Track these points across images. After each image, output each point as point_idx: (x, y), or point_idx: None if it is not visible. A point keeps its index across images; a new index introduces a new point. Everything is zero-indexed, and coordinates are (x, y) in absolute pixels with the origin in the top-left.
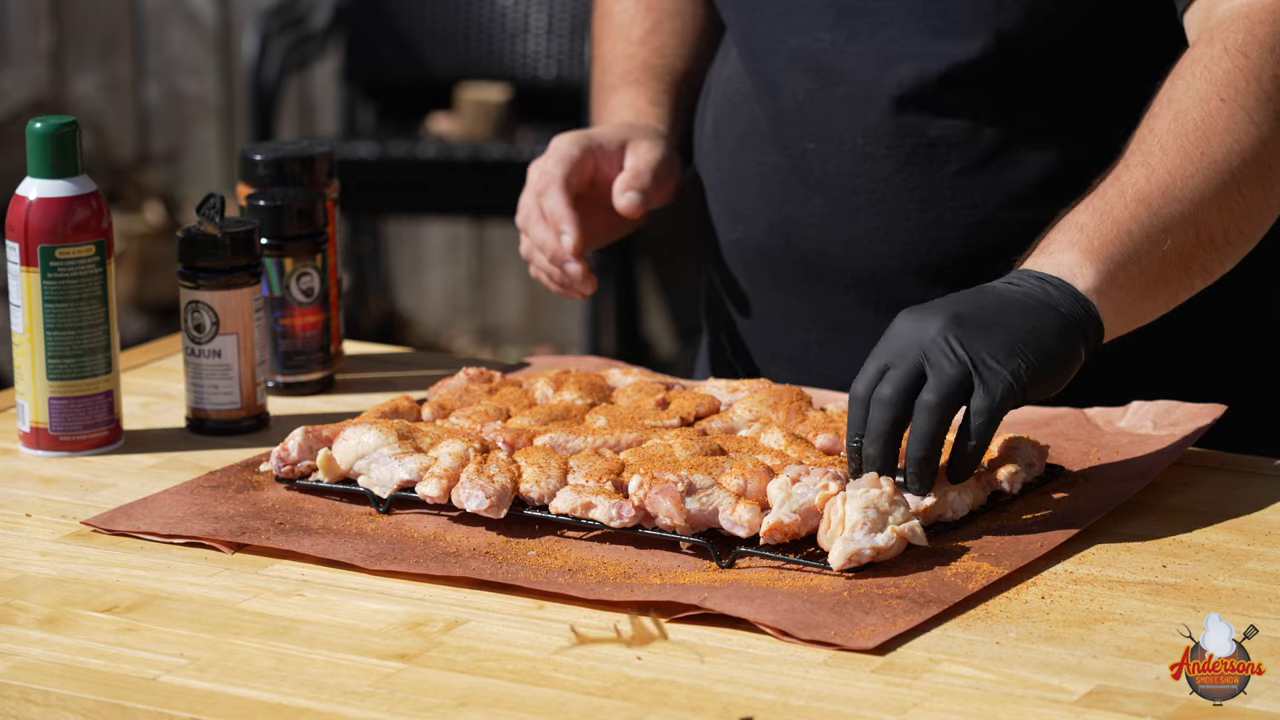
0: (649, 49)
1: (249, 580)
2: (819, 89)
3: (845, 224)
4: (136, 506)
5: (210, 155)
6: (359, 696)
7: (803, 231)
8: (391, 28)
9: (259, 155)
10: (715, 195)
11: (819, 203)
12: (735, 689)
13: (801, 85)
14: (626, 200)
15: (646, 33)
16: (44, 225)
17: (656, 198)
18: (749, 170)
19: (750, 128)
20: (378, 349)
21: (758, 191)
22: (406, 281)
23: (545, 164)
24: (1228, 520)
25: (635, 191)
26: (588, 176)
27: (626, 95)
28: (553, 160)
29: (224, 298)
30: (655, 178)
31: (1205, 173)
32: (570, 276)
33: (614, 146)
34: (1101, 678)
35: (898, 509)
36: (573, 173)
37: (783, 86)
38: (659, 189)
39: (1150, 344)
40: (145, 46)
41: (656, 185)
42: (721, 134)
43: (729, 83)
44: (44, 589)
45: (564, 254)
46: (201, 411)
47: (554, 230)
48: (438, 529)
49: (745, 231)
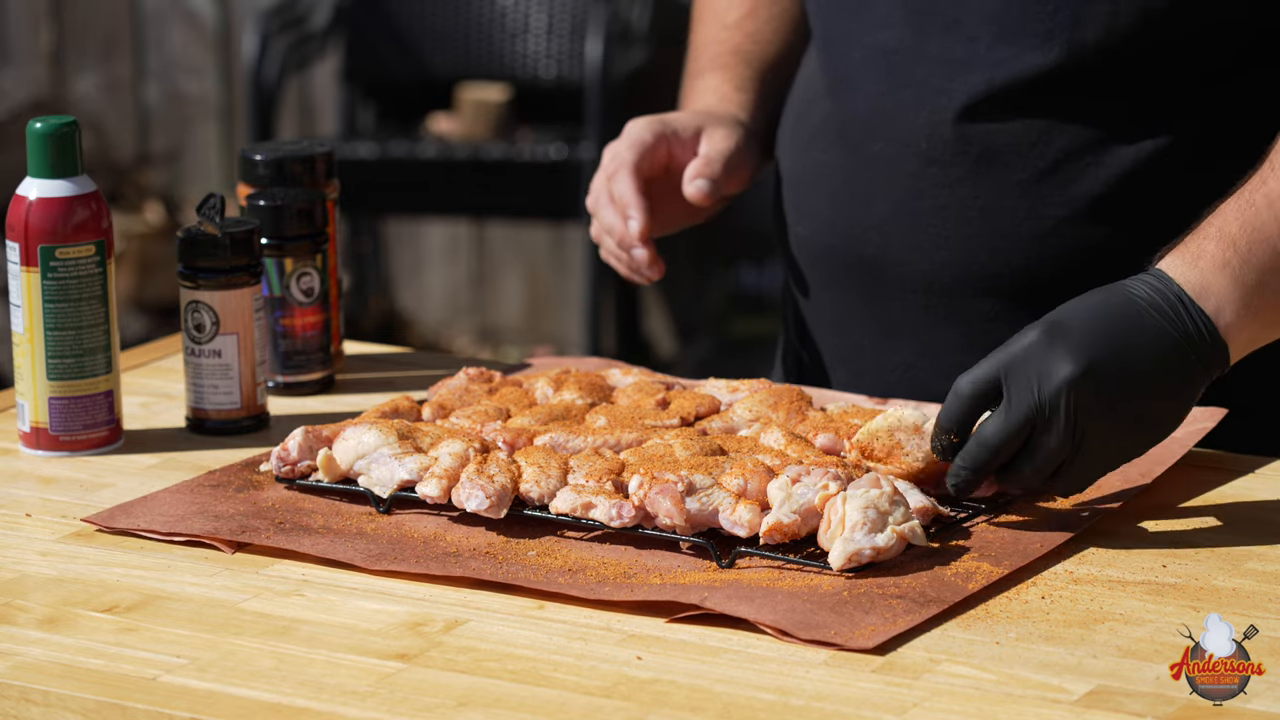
0: (742, 34)
1: (249, 580)
2: (889, 91)
3: (906, 228)
4: (137, 504)
5: (210, 155)
6: (359, 696)
7: (864, 234)
8: (391, 28)
9: (259, 155)
10: (787, 190)
11: (881, 205)
12: (735, 689)
13: (873, 86)
14: (695, 188)
15: (741, 18)
16: (44, 225)
17: (728, 186)
18: (816, 168)
19: (821, 125)
20: (378, 349)
21: (823, 190)
22: (406, 281)
23: (617, 147)
24: (1228, 520)
25: (705, 179)
26: (660, 162)
27: (713, 80)
28: (625, 144)
29: (224, 298)
30: (727, 166)
31: None
32: (637, 261)
33: (689, 133)
34: (1101, 678)
35: (898, 509)
36: (644, 158)
37: (854, 86)
38: (731, 178)
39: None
40: (145, 46)
41: (728, 174)
42: (796, 129)
43: (807, 78)
44: (44, 589)
45: (630, 239)
46: (202, 411)
47: (621, 215)
48: (438, 529)
49: (810, 229)
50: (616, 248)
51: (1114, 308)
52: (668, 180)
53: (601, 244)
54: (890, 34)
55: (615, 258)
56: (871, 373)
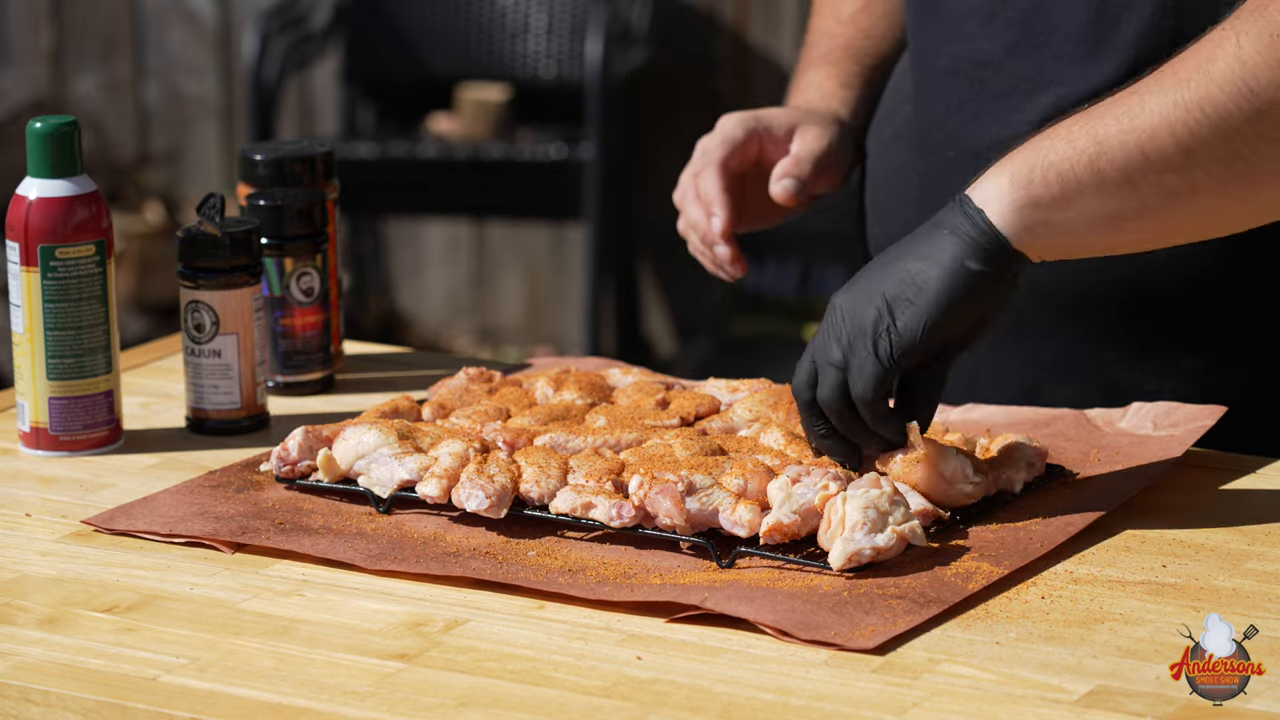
0: (855, 28)
1: (249, 580)
2: (970, 101)
3: None
4: (136, 506)
5: (210, 155)
6: (359, 696)
7: None
8: (391, 28)
9: (259, 155)
10: (869, 188)
11: None
12: (735, 689)
13: (954, 94)
14: (782, 188)
15: (856, 12)
16: (44, 225)
17: (818, 185)
18: (895, 169)
19: (903, 127)
20: (378, 349)
21: (899, 192)
22: (406, 281)
23: (708, 143)
24: (1228, 520)
25: (792, 179)
26: (751, 158)
27: (818, 75)
28: (716, 140)
29: (224, 297)
30: (817, 166)
31: (1165, 88)
32: (719, 258)
33: (782, 130)
34: (1101, 678)
35: (898, 509)
36: (733, 154)
37: (938, 93)
38: (820, 178)
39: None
40: (145, 46)
41: (817, 174)
42: (881, 128)
43: (898, 80)
44: (44, 589)
45: (713, 236)
46: (201, 411)
47: (706, 211)
48: (438, 529)
49: (884, 229)
50: (700, 244)
51: None
52: (759, 176)
53: (687, 239)
54: (980, 46)
55: (700, 253)
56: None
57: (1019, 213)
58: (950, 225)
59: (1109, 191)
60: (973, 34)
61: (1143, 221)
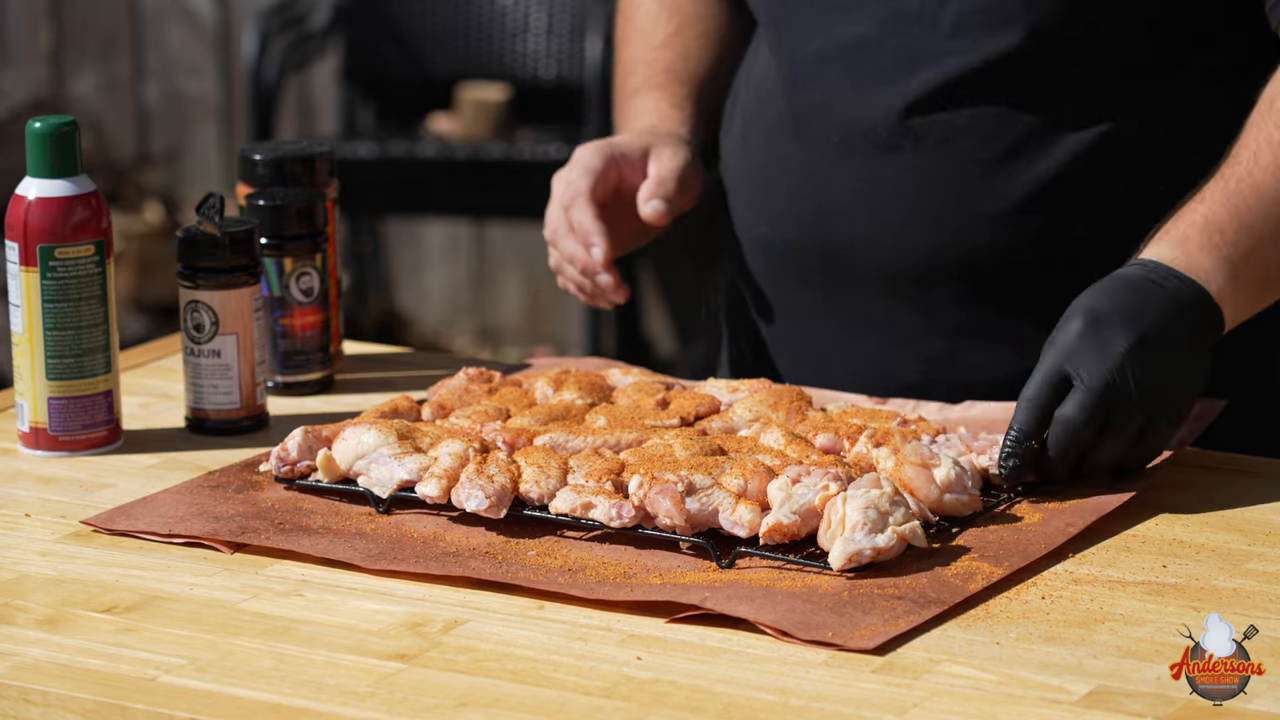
0: (672, 53)
1: (248, 580)
2: (849, 83)
3: (869, 215)
4: (136, 506)
5: (210, 155)
6: (358, 697)
7: (827, 223)
8: (391, 27)
9: (258, 155)
10: (740, 194)
11: (842, 194)
12: (735, 689)
13: (832, 78)
14: (651, 209)
15: (669, 36)
16: (43, 225)
17: (681, 204)
18: (776, 165)
19: (778, 122)
20: (377, 349)
21: (784, 186)
22: (406, 281)
23: (570, 175)
24: (1228, 520)
25: (660, 200)
26: (612, 185)
27: (649, 100)
28: (577, 172)
29: (223, 297)
30: (679, 184)
31: None
32: (602, 287)
33: (637, 154)
34: (1102, 678)
35: (898, 509)
36: (597, 183)
37: (811, 79)
38: (683, 195)
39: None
40: (145, 46)
41: (680, 191)
42: (750, 133)
43: (759, 82)
44: (43, 589)
45: (595, 266)
46: (201, 411)
47: (583, 243)
48: (437, 529)
49: (770, 228)
50: (579, 276)
51: (1128, 286)
52: (619, 203)
53: (561, 272)
54: (853, 28)
55: (577, 285)
56: (840, 366)
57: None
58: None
59: None
60: (841, 18)
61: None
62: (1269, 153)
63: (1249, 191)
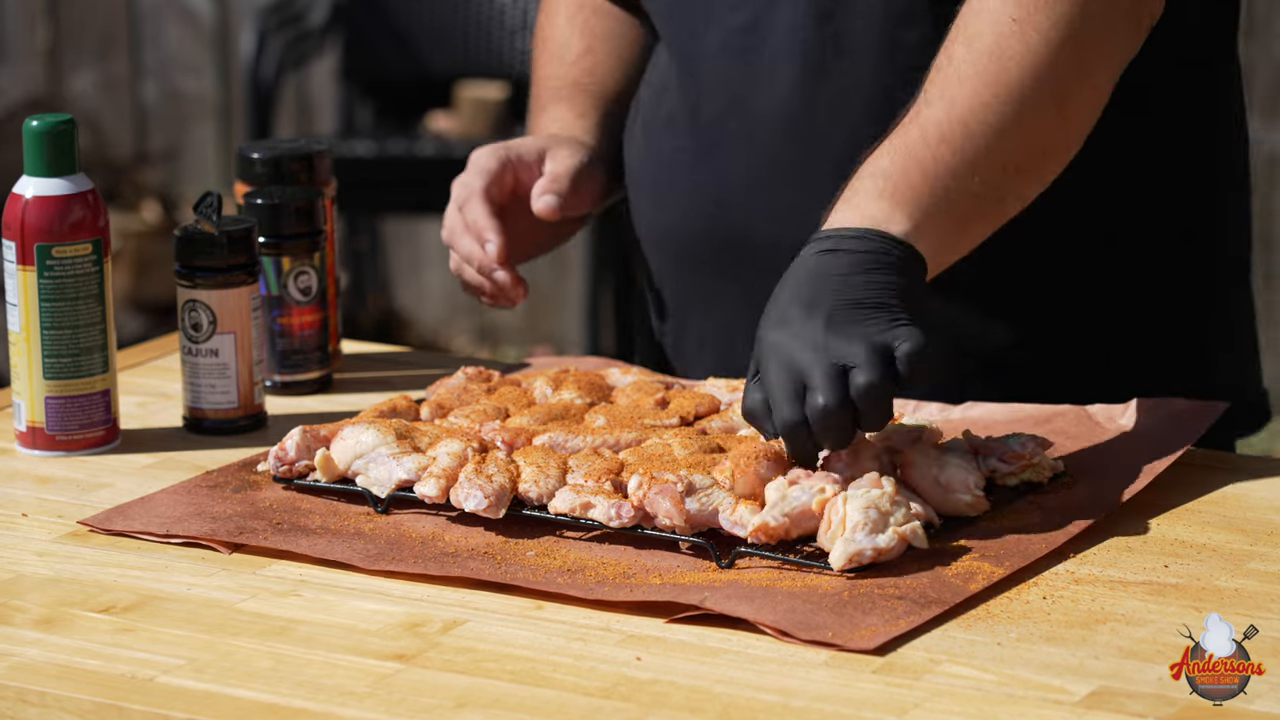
0: (579, 69)
1: (246, 580)
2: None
3: (767, 197)
4: (133, 506)
5: (208, 153)
6: (356, 697)
7: (726, 208)
8: (390, 25)
9: (256, 153)
10: (644, 188)
11: (740, 177)
12: (735, 690)
13: (725, 64)
14: (543, 204)
15: (579, 55)
16: (40, 224)
17: (577, 203)
18: (672, 154)
19: (673, 114)
20: (376, 348)
21: (682, 173)
22: (405, 280)
23: (465, 177)
24: (1230, 520)
25: (552, 195)
26: (508, 187)
27: (555, 111)
28: (472, 173)
29: (221, 297)
30: (574, 182)
31: (1002, 100)
32: (499, 284)
33: (532, 156)
34: (1103, 678)
35: (899, 510)
36: (492, 183)
37: (708, 68)
38: (578, 194)
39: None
40: (142, 44)
41: (575, 190)
42: (647, 130)
43: (654, 82)
44: (40, 589)
45: (490, 263)
46: (199, 411)
47: (478, 240)
48: (436, 529)
49: (673, 214)
50: (478, 275)
51: (799, 280)
52: (517, 206)
53: (462, 274)
54: (743, 13)
55: (476, 286)
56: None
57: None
58: (887, 252)
59: (989, 213)
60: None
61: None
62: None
63: (916, 137)
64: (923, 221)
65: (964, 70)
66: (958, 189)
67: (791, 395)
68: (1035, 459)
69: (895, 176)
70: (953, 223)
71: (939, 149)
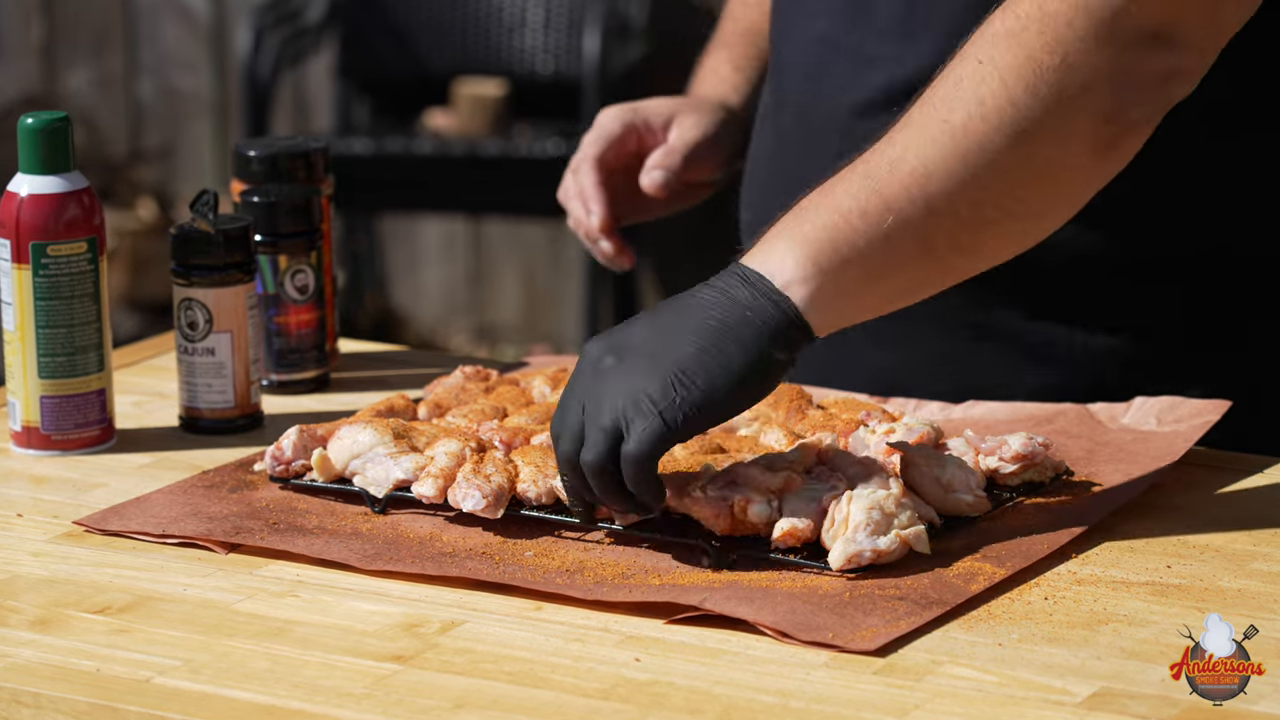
0: (758, 11)
1: (243, 581)
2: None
3: None
4: (129, 506)
5: (204, 151)
6: (354, 699)
7: None
8: (387, 22)
9: (253, 151)
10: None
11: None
12: (735, 691)
13: (800, 74)
14: (650, 179)
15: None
16: (35, 222)
17: (696, 174)
18: (755, 150)
19: (763, 110)
20: (373, 347)
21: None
22: (402, 279)
23: (586, 138)
24: (1233, 520)
25: (661, 170)
26: (630, 151)
27: (715, 59)
28: (592, 135)
29: (218, 295)
30: (690, 156)
31: (940, 140)
32: (604, 252)
33: (659, 121)
34: (1105, 680)
35: (904, 512)
36: (609, 148)
37: (788, 74)
38: (700, 164)
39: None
40: (138, 41)
41: (690, 163)
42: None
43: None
44: (35, 590)
45: (594, 231)
46: (195, 410)
47: (584, 207)
48: (434, 529)
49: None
50: (585, 239)
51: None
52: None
53: (578, 233)
54: (822, 23)
55: (590, 247)
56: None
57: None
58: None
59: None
60: (816, 12)
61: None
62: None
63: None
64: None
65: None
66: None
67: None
68: (1037, 459)
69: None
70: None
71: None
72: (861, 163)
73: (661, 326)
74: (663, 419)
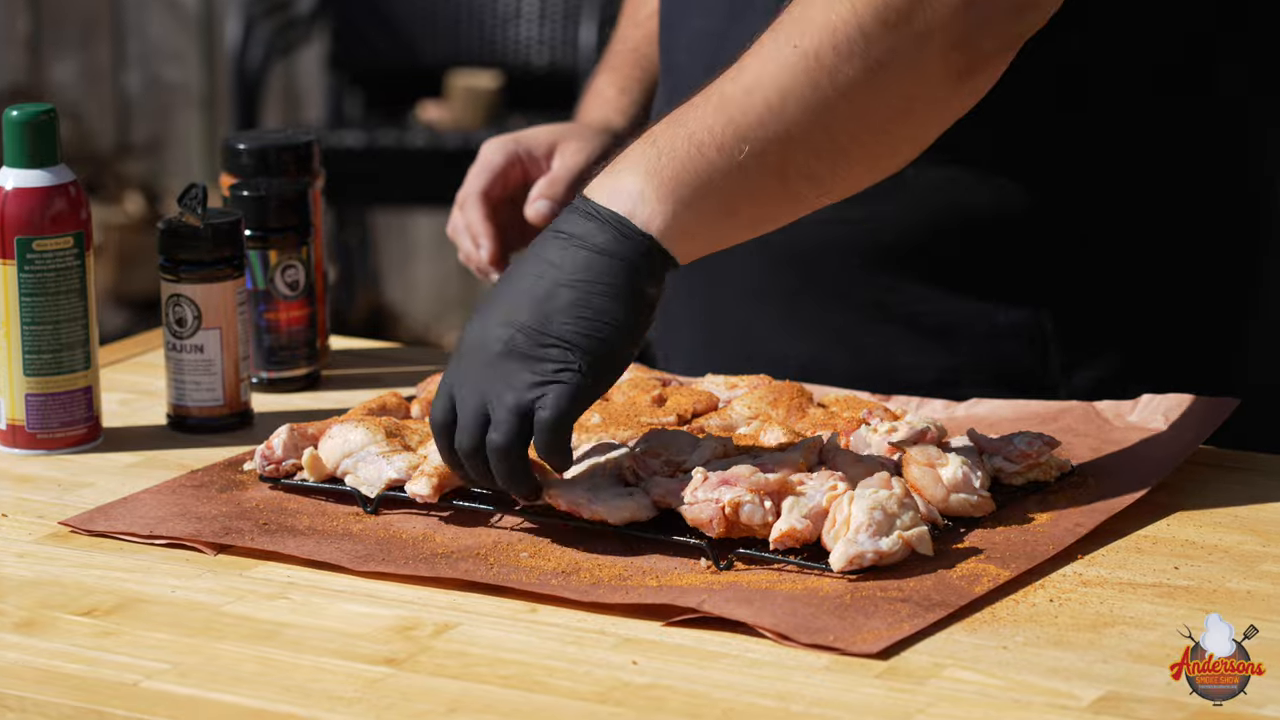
0: (643, 32)
1: (232, 582)
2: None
3: None
4: (116, 506)
5: (192, 144)
6: (346, 702)
7: None
8: (380, 13)
9: (243, 144)
10: None
11: None
12: (734, 694)
13: (694, 69)
14: (534, 210)
15: (648, 16)
16: (21, 216)
17: None
18: None
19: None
20: (365, 344)
21: None
22: (395, 274)
23: (470, 173)
24: (1242, 521)
25: (544, 200)
26: (516, 182)
27: (601, 81)
28: (476, 169)
29: (206, 291)
30: (575, 183)
31: (793, 68)
32: None
33: (542, 150)
34: (1112, 683)
35: (907, 512)
36: (494, 181)
37: (681, 70)
38: None
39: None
40: (125, 32)
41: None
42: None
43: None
44: (20, 591)
45: (485, 265)
46: (183, 408)
47: (474, 242)
48: (427, 529)
49: None
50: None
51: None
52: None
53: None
54: (712, 20)
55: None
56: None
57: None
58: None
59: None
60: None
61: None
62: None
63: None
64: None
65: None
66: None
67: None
68: (1042, 458)
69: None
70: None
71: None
72: (715, 91)
73: (537, 295)
74: (566, 385)
